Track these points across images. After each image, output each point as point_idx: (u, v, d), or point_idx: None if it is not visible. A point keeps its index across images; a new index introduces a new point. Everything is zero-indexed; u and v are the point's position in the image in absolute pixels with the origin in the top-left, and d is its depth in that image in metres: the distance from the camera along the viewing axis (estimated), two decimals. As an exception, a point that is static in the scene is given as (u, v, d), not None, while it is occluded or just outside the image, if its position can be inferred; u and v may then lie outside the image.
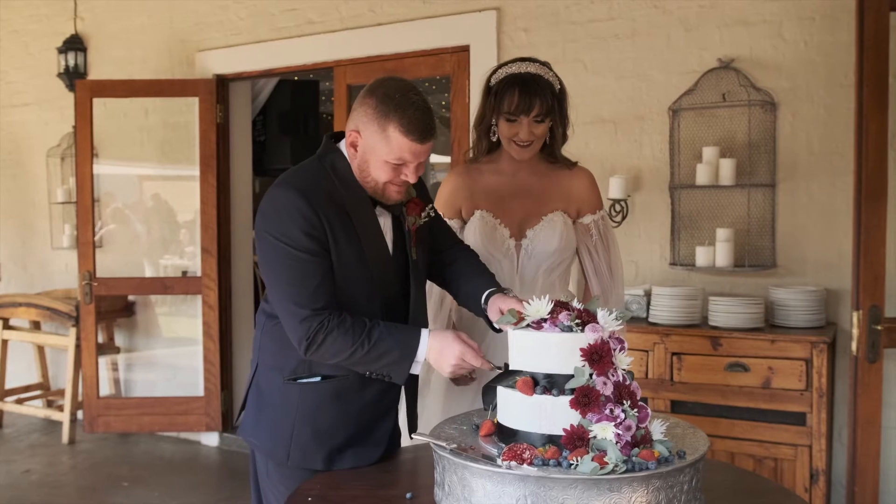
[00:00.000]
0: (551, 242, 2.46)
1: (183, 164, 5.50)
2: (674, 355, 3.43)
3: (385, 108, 1.88)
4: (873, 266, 2.88)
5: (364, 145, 1.93)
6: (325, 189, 1.95)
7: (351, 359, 1.92)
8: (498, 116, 2.41)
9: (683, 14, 3.85)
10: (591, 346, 1.65)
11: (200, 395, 5.29)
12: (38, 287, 6.13)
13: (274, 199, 1.94)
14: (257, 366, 2.12)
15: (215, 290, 5.24)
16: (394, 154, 1.90)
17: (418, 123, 1.88)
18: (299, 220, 1.88)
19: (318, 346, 1.91)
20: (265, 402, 2.08)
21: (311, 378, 2.01)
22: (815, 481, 3.22)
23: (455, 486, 1.65)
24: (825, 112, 3.59)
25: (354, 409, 2.03)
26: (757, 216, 3.68)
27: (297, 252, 1.89)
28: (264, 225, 1.94)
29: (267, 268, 1.95)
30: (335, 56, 4.82)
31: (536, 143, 2.42)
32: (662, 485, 1.56)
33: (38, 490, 4.56)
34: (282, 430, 2.03)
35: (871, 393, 2.94)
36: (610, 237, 2.59)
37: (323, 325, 1.89)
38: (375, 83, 1.96)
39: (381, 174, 1.93)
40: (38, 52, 5.98)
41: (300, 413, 2.01)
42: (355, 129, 1.93)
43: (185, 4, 5.36)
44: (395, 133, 1.88)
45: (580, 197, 2.52)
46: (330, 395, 2.02)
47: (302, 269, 1.90)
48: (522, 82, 2.36)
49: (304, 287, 1.90)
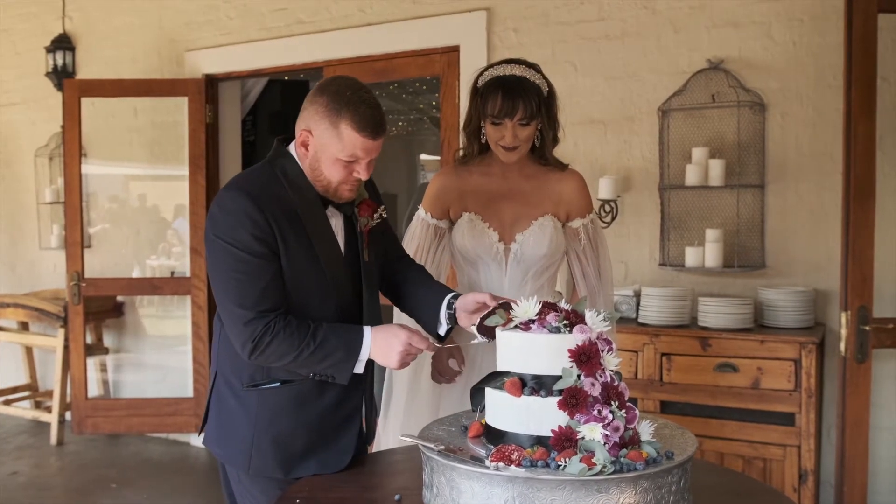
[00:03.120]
0: (541, 247, 2.45)
1: (172, 164, 5.48)
2: (663, 356, 3.43)
3: (337, 106, 1.88)
4: (861, 266, 2.90)
5: (316, 144, 1.92)
6: (275, 192, 1.94)
7: (296, 361, 1.90)
8: (484, 119, 2.39)
9: (673, 15, 3.85)
10: (579, 346, 1.65)
11: (190, 396, 5.27)
12: (26, 287, 6.10)
13: (222, 202, 1.92)
14: (216, 374, 2.09)
15: (204, 291, 5.21)
16: (346, 151, 1.90)
17: (370, 120, 1.89)
18: (247, 224, 1.87)
19: (264, 349, 1.88)
20: (225, 410, 2.05)
21: (270, 384, 1.99)
22: (803, 481, 3.23)
23: (443, 487, 1.65)
24: (814, 113, 3.60)
25: (315, 413, 2.00)
26: (746, 217, 3.69)
27: (245, 255, 1.87)
28: (212, 228, 1.91)
29: (214, 271, 1.94)
30: (325, 56, 4.81)
31: (523, 146, 2.40)
32: (650, 486, 1.56)
33: (25, 492, 4.54)
34: (242, 438, 2.00)
35: (860, 393, 2.95)
36: (599, 240, 2.57)
37: (269, 328, 1.87)
38: (325, 82, 1.96)
39: (333, 172, 1.93)
40: (26, 51, 5.95)
41: (260, 420, 1.99)
42: (306, 128, 1.93)
43: (174, 4, 5.33)
44: (347, 130, 1.88)
45: (569, 200, 2.50)
46: (289, 400, 1.99)
47: (248, 271, 1.88)
48: (506, 85, 2.34)
49: (251, 289, 1.88)
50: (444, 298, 2.10)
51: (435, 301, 2.12)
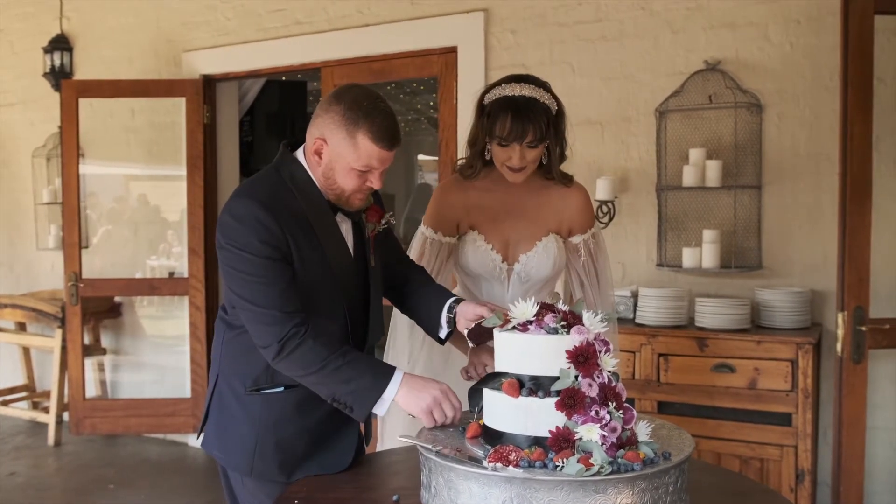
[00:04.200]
0: (545, 269, 2.44)
1: (170, 165, 5.48)
2: (660, 356, 3.44)
3: (354, 116, 1.87)
4: (858, 267, 2.90)
5: (331, 153, 1.91)
6: (285, 199, 1.93)
7: (320, 373, 1.86)
8: (490, 139, 2.32)
9: (670, 16, 3.86)
10: (577, 348, 1.65)
11: (188, 397, 5.27)
12: (24, 288, 6.10)
13: (233, 210, 1.90)
14: (217, 377, 2.08)
15: (202, 291, 5.22)
16: (362, 161, 1.89)
17: (387, 131, 1.88)
18: (260, 231, 1.86)
19: (290, 353, 1.86)
20: (227, 414, 2.04)
21: (274, 388, 1.98)
22: (800, 481, 3.24)
23: (441, 487, 1.65)
24: (811, 114, 3.61)
25: (317, 417, 1.99)
26: (743, 217, 3.70)
27: (260, 259, 1.86)
28: (225, 236, 1.90)
29: (232, 278, 1.91)
30: (323, 57, 4.81)
31: (530, 167, 2.35)
32: (648, 486, 1.57)
33: (23, 492, 4.54)
34: (245, 443, 1.99)
35: (856, 393, 2.96)
36: (599, 254, 2.53)
37: (298, 333, 1.86)
38: (341, 90, 1.95)
39: (347, 182, 1.93)
40: (24, 51, 5.95)
41: (263, 424, 1.98)
42: (321, 136, 1.91)
43: (171, 4, 5.34)
44: (364, 140, 1.87)
45: (571, 217, 2.48)
46: (292, 405, 1.98)
47: (266, 276, 1.87)
48: (516, 107, 2.26)
49: (271, 291, 1.87)
50: (445, 302, 2.10)
51: (437, 304, 2.12)
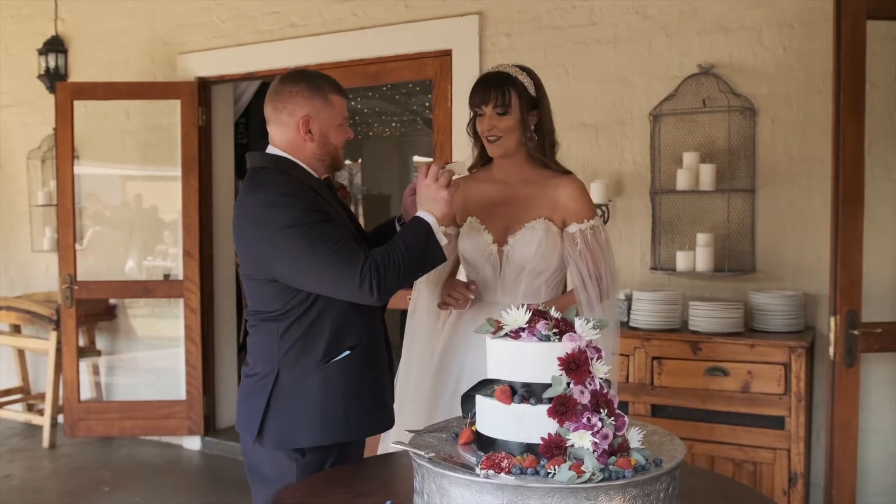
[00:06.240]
0: (529, 248, 2.46)
1: (165, 167, 5.48)
2: (654, 359, 3.45)
3: (316, 84, 2.17)
4: (850, 271, 2.92)
5: (319, 121, 2.16)
6: (294, 180, 2.13)
7: (408, 268, 2.10)
8: (471, 114, 2.52)
9: (664, 20, 3.87)
10: (569, 355, 1.66)
11: (182, 399, 5.26)
12: (19, 290, 6.09)
13: (266, 199, 2.07)
14: (278, 372, 2.14)
15: (197, 293, 5.22)
16: (340, 114, 2.20)
17: (339, 84, 2.22)
18: (298, 203, 2.05)
19: (384, 276, 2.04)
20: (295, 399, 2.13)
21: (341, 354, 2.15)
22: (793, 484, 3.25)
23: (434, 494, 1.66)
24: (804, 118, 3.62)
25: (377, 367, 2.23)
26: (737, 221, 3.71)
27: (315, 222, 2.04)
28: (268, 226, 2.04)
29: (295, 256, 2.04)
30: (318, 59, 4.80)
31: (506, 137, 2.45)
32: (639, 493, 1.57)
33: (18, 495, 4.53)
34: (318, 415, 2.12)
35: (849, 397, 2.97)
36: (599, 246, 2.53)
37: (374, 261, 2.04)
38: (285, 78, 2.20)
39: (339, 138, 2.21)
40: (18, 53, 5.94)
41: (340, 388, 2.14)
42: (304, 115, 2.15)
43: (167, 6, 5.33)
44: (335, 97, 2.19)
45: (565, 206, 2.50)
46: (360, 362, 2.18)
47: (324, 230, 2.04)
48: (486, 77, 2.49)
49: (338, 238, 2.04)
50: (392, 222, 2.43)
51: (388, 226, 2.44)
